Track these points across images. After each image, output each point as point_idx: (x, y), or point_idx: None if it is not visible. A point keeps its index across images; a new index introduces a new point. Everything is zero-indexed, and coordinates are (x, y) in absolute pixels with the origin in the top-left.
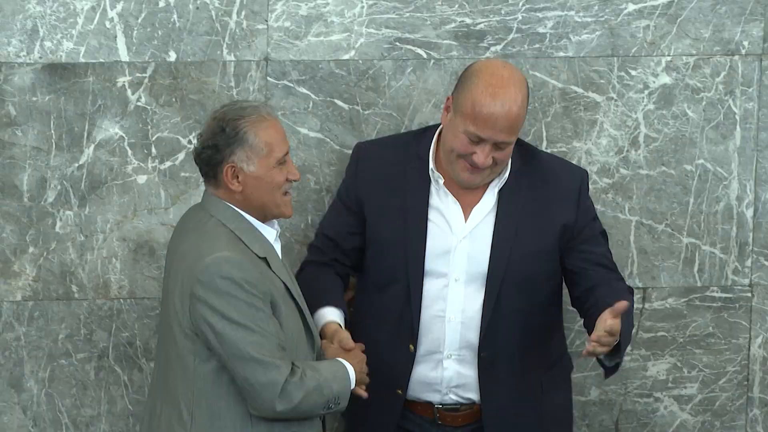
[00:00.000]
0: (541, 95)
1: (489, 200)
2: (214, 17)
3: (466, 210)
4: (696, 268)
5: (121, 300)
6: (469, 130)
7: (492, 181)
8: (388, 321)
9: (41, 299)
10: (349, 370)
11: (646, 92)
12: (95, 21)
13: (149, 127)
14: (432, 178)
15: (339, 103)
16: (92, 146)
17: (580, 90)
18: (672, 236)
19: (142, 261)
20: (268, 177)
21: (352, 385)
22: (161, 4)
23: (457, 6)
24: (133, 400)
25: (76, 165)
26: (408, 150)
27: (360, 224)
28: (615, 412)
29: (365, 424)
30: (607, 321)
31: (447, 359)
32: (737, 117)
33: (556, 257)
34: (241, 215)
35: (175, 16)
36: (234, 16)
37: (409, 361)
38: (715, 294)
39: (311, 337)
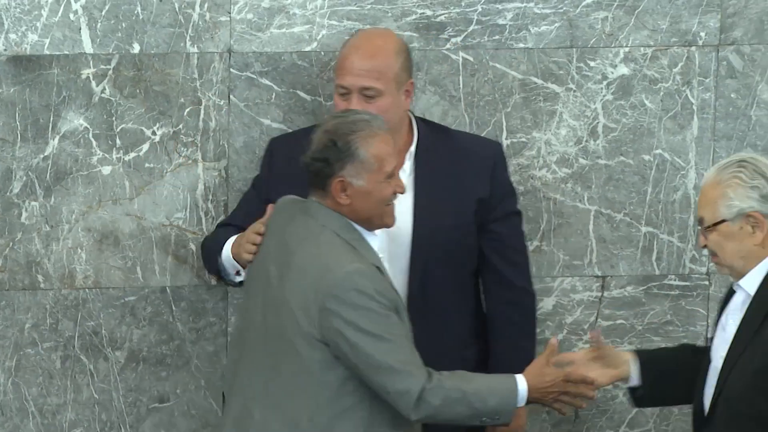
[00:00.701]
0: (501, 86)
1: (402, 176)
2: (177, 9)
3: None
4: (654, 257)
5: (87, 290)
6: (336, 85)
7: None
8: None
9: (7, 289)
10: (520, 387)
11: (605, 83)
12: (59, 13)
13: (114, 118)
14: None
15: (301, 94)
16: (57, 137)
17: (539, 81)
18: (630, 225)
19: (107, 251)
20: (376, 191)
21: (520, 403)
22: None
23: None
24: (98, 388)
25: (42, 156)
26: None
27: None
28: None
29: None
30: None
31: None
32: (694, 107)
33: (474, 232)
34: (353, 225)
35: (138, 9)
36: (197, 8)
37: None
38: (672, 282)
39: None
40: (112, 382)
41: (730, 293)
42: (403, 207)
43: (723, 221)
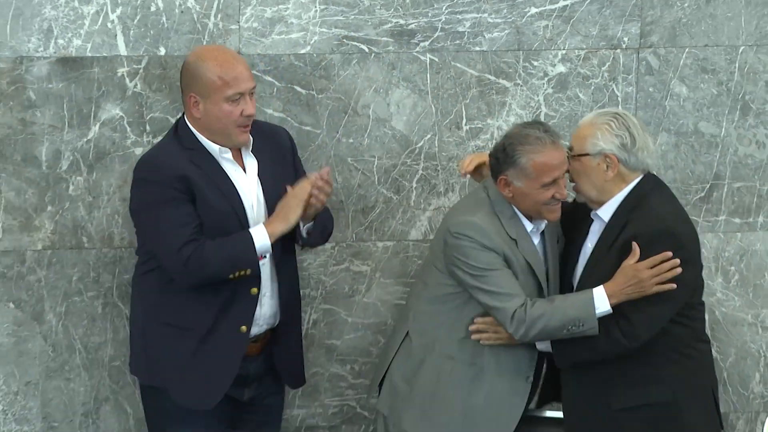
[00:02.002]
0: (461, 82)
1: (252, 163)
2: (195, 19)
3: (244, 172)
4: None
5: (123, 249)
6: (228, 95)
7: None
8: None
9: (57, 249)
10: (596, 295)
11: (546, 79)
12: (99, 23)
13: (144, 108)
14: (219, 156)
15: (298, 88)
16: (98, 124)
17: (492, 77)
18: (568, 197)
19: None
20: (533, 194)
21: (599, 309)
22: (152, 8)
23: (392, 9)
24: None
25: (85, 140)
26: (180, 152)
27: (193, 208)
28: None
29: (213, 366)
30: None
31: (264, 297)
32: (619, 99)
33: None
34: (510, 206)
35: (164, 18)
36: (212, 18)
37: (252, 301)
38: None
39: None
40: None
41: (590, 221)
42: (259, 194)
43: (586, 154)
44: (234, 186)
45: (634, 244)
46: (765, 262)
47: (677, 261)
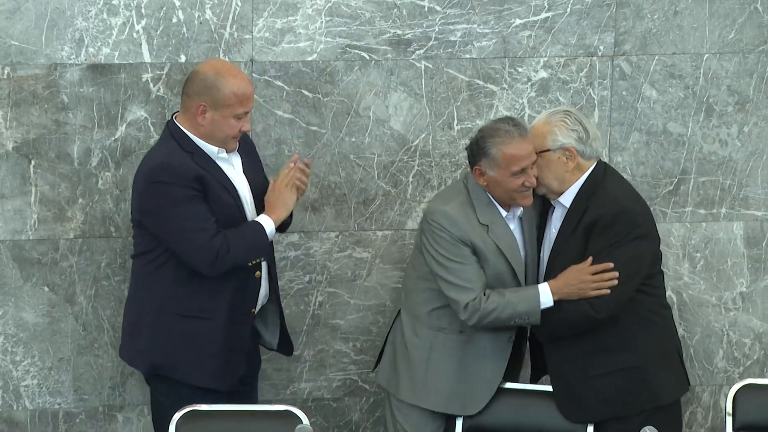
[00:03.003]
0: (452, 86)
1: (238, 161)
2: (213, 30)
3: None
4: None
5: None
6: (238, 113)
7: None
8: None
9: (88, 237)
10: (542, 293)
11: (529, 84)
12: (125, 33)
13: (166, 110)
14: (216, 156)
15: (305, 92)
16: (124, 125)
17: (481, 82)
18: None
19: None
20: (504, 182)
21: (544, 305)
22: (174, 20)
23: (391, 21)
24: None
25: (113, 138)
26: (181, 152)
27: (207, 205)
28: None
29: (231, 345)
30: None
31: (262, 279)
32: (596, 102)
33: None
34: (486, 193)
35: (184, 29)
36: (228, 29)
37: (257, 284)
38: None
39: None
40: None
41: (549, 208)
42: (246, 185)
43: (548, 150)
44: (232, 182)
45: (590, 258)
46: (727, 249)
47: (616, 274)
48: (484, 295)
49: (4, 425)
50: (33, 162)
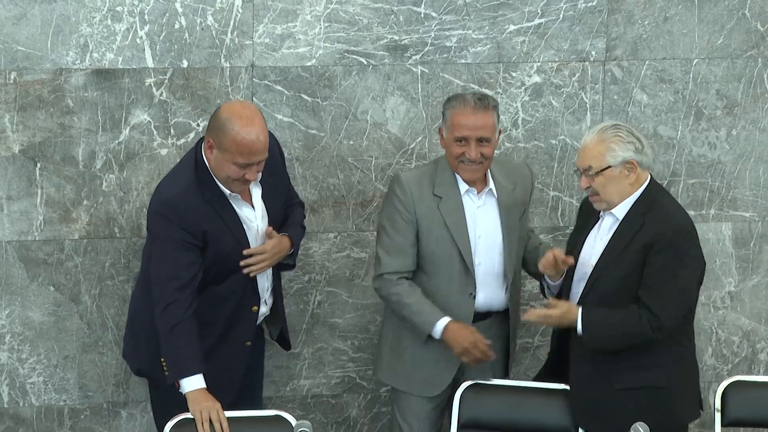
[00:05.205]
0: (448, 91)
1: (257, 192)
2: (214, 36)
3: (251, 203)
4: (559, 213)
5: None
6: (238, 162)
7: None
8: (233, 299)
9: (92, 238)
10: (439, 325)
11: (523, 88)
12: (129, 38)
13: (168, 114)
14: (231, 197)
15: (304, 96)
16: (128, 128)
17: (476, 87)
18: (542, 191)
19: None
20: (450, 147)
21: (430, 331)
22: (176, 26)
23: (388, 27)
24: None
25: (117, 141)
26: (200, 195)
27: (201, 257)
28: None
29: (220, 376)
30: None
31: (263, 305)
32: (588, 105)
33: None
34: (449, 169)
35: (186, 35)
36: (229, 35)
37: (253, 318)
38: (571, 231)
39: (465, 267)
40: None
41: (592, 217)
42: (264, 214)
43: (609, 167)
44: (240, 222)
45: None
46: (716, 249)
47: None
48: (402, 278)
49: (11, 421)
50: (39, 164)
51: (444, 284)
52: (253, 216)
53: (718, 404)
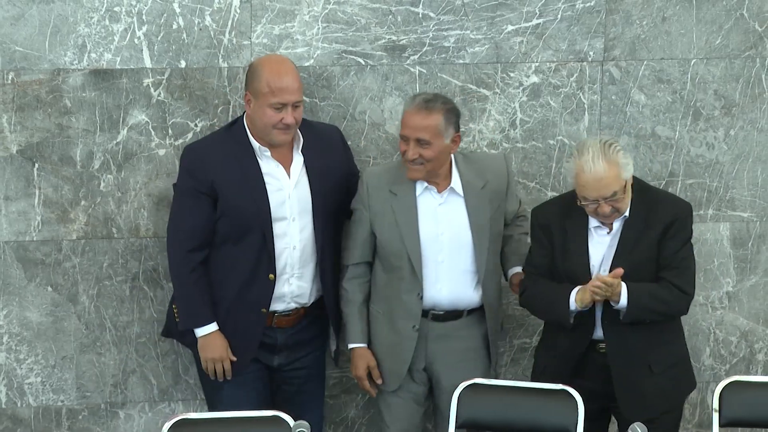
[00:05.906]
0: (446, 91)
1: (299, 160)
2: (212, 36)
3: (287, 169)
4: None
5: (148, 239)
6: (272, 103)
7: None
8: (248, 261)
9: (90, 238)
10: (350, 337)
11: (521, 88)
12: (127, 39)
13: (167, 114)
14: (260, 154)
15: (303, 97)
16: (126, 128)
17: (474, 87)
18: (540, 191)
19: (162, 210)
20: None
21: (347, 340)
22: (174, 26)
23: (386, 27)
24: (157, 310)
25: (115, 142)
26: (225, 145)
27: (213, 208)
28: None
29: (235, 337)
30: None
31: (291, 278)
32: (585, 106)
33: (345, 191)
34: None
35: (184, 35)
36: (226, 35)
37: (270, 285)
38: None
39: (412, 267)
40: (167, 305)
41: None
42: (302, 181)
43: (626, 182)
44: (265, 186)
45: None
46: (714, 250)
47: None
48: (353, 275)
49: (9, 422)
50: (37, 165)
51: (395, 282)
52: (286, 180)
53: (716, 404)
